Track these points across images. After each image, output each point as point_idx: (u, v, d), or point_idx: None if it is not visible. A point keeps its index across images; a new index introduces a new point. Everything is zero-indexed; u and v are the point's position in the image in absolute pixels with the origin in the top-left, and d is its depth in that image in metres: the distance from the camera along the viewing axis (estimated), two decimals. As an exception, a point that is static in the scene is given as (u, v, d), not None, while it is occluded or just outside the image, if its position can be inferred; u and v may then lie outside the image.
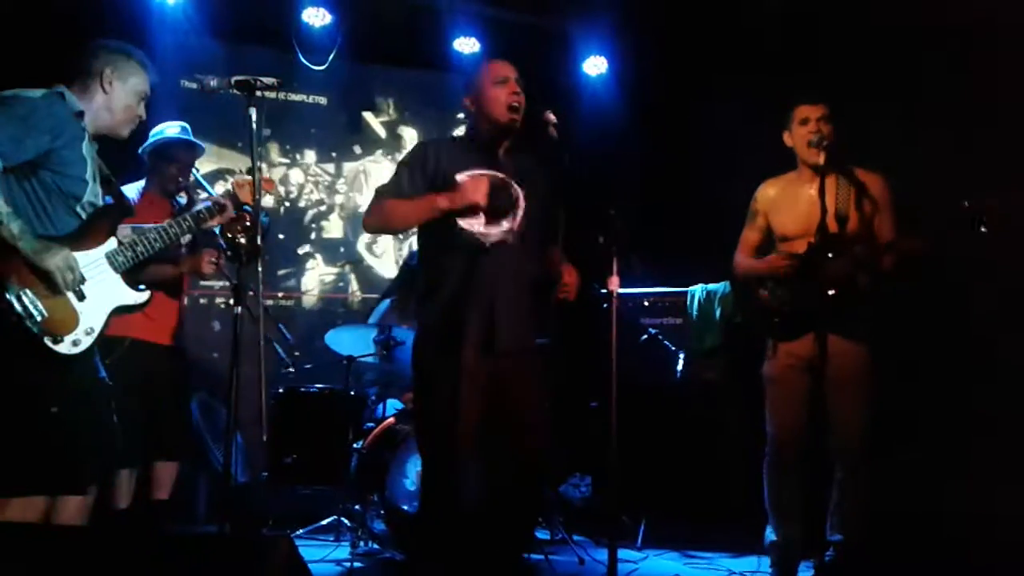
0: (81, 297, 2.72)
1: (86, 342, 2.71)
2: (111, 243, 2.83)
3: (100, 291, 2.78)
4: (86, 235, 2.78)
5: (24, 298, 2.61)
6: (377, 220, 3.10)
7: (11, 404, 2.67)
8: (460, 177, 2.95)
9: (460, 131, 5.35)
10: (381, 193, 3.08)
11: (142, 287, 2.91)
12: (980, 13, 3.96)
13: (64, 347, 2.66)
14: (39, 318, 2.62)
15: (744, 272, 3.71)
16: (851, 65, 4.50)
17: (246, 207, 3.17)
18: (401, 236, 6.02)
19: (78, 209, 2.76)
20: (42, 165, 2.67)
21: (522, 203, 3.02)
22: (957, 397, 4.11)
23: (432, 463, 3.00)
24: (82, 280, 2.72)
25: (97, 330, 2.75)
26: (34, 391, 2.67)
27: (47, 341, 2.63)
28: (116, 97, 2.85)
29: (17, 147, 2.60)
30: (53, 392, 2.67)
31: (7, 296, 2.59)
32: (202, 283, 4.93)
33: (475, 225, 2.96)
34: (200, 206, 3.09)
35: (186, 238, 3.26)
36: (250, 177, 3.06)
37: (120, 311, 2.84)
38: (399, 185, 3.05)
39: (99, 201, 2.85)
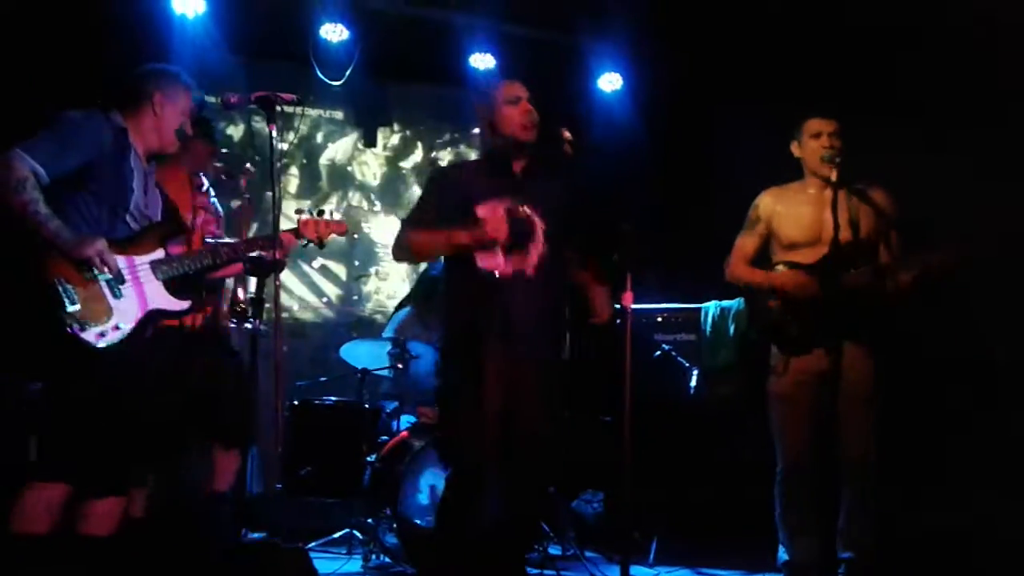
0: (117, 295, 2.80)
1: (112, 337, 2.77)
2: (158, 253, 2.94)
3: (138, 294, 2.86)
4: (136, 243, 2.90)
5: (59, 288, 2.71)
6: (402, 252, 3.24)
7: (41, 393, 2.79)
8: (481, 212, 3.04)
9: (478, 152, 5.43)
10: (406, 225, 3.21)
11: (185, 298, 2.98)
12: (982, 27, 3.98)
13: (89, 335, 2.73)
14: (71, 308, 2.71)
15: (750, 282, 3.65)
16: (864, 81, 4.51)
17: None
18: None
19: (127, 218, 2.89)
20: (88, 177, 2.81)
21: (540, 234, 3.08)
22: (968, 414, 4.10)
23: (459, 478, 3.04)
24: (121, 279, 2.82)
25: (126, 328, 2.81)
26: (65, 381, 2.76)
27: (74, 327, 2.70)
28: (166, 120, 3.00)
29: (58, 161, 2.75)
30: (83, 384, 2.75)
31: (45, 286, 2.69)
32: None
33: (493, 261, 3.03)
34: (259, 236, 3.17)
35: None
36: (315, 216, 3.28)
37: (156, 315, 2.91)
38: (422, 216, 3.16)
39: (152, 213, 2.98)
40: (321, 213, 3.36)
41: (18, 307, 2.73)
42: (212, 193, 3.75)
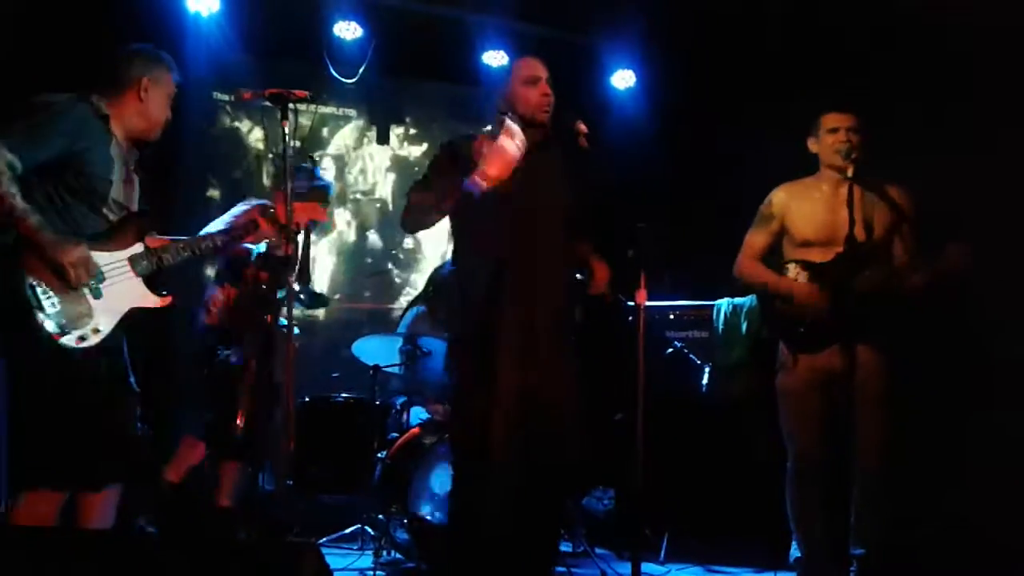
0: (97, 295, 2.75)
1: (92, 340, 2.73)
2: (136, 247, 2.86)
3: (117, 292, 2.80)
4: (112, 237, 2.82)
5: (38, 289, 2.65)
6: (409, 214, 3.15)
7: (23, 395, 2.73)
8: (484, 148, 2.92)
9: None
10: (412, 191, 3.16)
11: (164, 292, 2.93)
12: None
13: (68, 340, 2.68)
14: (51, 310, 2.66)
15: (757, 282, 3.65)
16: (875, 78, 4.50)
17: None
18: (423, 246, 6.08)
19: (104, 210, 2.81)
20: (65, 167, 2.72)
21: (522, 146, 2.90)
22: (981, 408, 4.08)
23: (465, 473, 3.02)
24: (101, 278, 2.75)
25: (105, 330, 2.76)
26: (42, 383, 2.71)
27: (53, 331, 2.66)
28: (152, 105, 2.92)
29: (33, 149, 2.66)
30: (61, 385, 2.71)
31: (23, 286, 2.64)
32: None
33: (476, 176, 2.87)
34: (233, 223, 3.13)
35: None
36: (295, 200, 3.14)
37: (136, 313, 2.85)
38: (428, 180, 3.12)
39: (130, 204, 2.90)
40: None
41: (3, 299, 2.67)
42: None
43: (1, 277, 2.66)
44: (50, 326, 2.66)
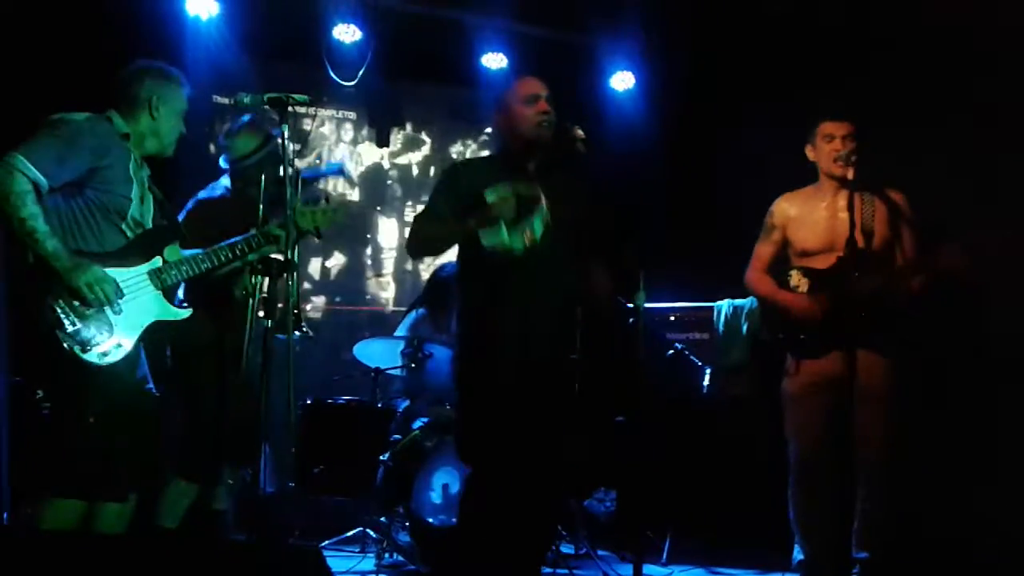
0: (117, 310, 2.78)
1: (116, 355, 2.77)
2: (155, 262, 2.91)
3: (137, 307, 2.84)
4: (132, 252, 2.87)
5: (58, 308, 2.69)
6: (416, 246, 3.21)
7: (49, 409, 2.76)
8: (490, 197, 2.97)
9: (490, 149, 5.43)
10: (418, 220, 3.19)
11: (185, 305, 2.99)
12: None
13: (92, 356, 2.72)
14: (70, 328, 2.69)
15: (763, 297, 3.69)
16: (876, 84, 4.51)
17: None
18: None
19: (123, 227, 2.86)
20: (88, 184, 2.77)
21: (544, 210, 2.96)
22: (986, 411, 4.08)
23: (479, 476, 3.03)
24: (120, 294, 2.78)
25: (128, 344, 2.81)
26: (70, 398, 2.74)
27: (76, 350, 2.69)
28: (163, 122, 2.96)
29: (60, 168, 2.70)
30: (89, 400, 2.74)
31: (43, 306, 2.67)
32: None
33: (497, 239, 2.93)
34: (251, 233, 3.13)
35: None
36: (314, 206, 3.18)
37: (156, 327, 2.90)
38: (434, 210, 3.12)
39: (147, 221, 2.95)
40: (317, 202, 3.26)
41: (25, 319, 2.71)
42: None
43: (22, 297, 2.71)
44: (73, 344, 2.69)
